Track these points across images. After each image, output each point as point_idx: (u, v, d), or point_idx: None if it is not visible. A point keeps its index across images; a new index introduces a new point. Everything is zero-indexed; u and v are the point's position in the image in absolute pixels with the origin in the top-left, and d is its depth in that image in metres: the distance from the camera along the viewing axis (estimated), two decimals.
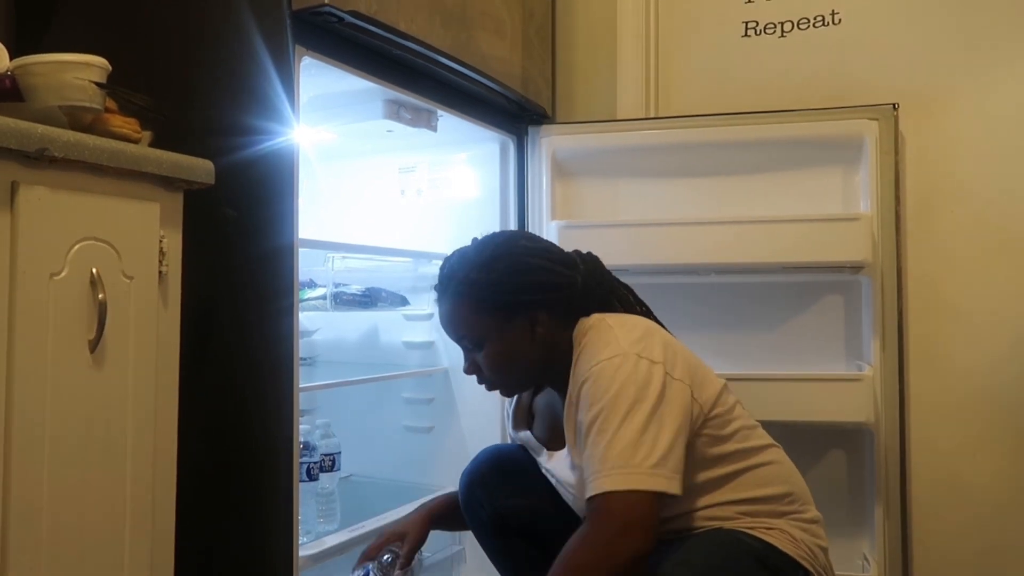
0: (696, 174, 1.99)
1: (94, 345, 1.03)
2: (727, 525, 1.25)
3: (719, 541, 1.23)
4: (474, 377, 1.40)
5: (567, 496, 1.37)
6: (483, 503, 1.50)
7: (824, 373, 1.83)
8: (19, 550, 0.94)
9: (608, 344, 1.25)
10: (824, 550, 1.29)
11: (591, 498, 1.15)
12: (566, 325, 1.34)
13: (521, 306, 1.32)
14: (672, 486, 1.14)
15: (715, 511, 1.26)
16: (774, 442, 1.35)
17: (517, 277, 1.33)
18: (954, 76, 1.92)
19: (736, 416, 1.30)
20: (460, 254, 1.39)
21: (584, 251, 1.44)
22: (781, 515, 1.27)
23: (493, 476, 1.52)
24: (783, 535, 1.24)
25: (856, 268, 1.82)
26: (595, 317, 1.34)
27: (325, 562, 1.53)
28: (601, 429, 1.17)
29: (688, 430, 1.21)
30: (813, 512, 1.31)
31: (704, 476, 1.26)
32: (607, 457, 1.15)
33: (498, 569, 1.55)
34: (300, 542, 1.38)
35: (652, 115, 2.12)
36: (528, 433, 1.48)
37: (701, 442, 1.25)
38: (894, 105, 1.83)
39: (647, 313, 1.43)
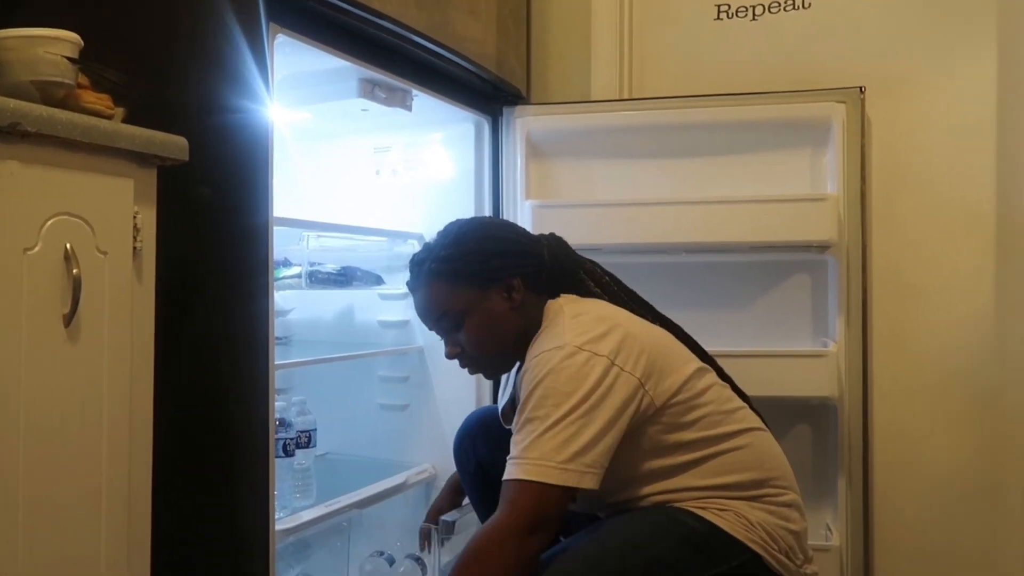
0: (668, 155, 2.02)
1: (68, 319, 1.03)
2: (679, 504, 1.26)
3: (651, 519, 1.25)
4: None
5: None
6: (469, 455, 1.58)
7: (790, 349, 1.88)
8: None
9: (554, 336, 1.27)
10: (794, 533, 1.29)
11: (504, 480, 1.18)
12: (538, 298, 1.37)
13: (495, 272, 1.35)
14: (584, 481, 1.16)
15: (670, 496, 1.27)
16: (757, 425, 1.35)
17: (488, 244, 1.37)
18: (920, 61, 1.96)
19: (706, 402, 1.29)
20: (426, 245, 1.43)
21: (547, 234, 1.46)
22: (746, 499, 1.27)
23: (479, 432, 1.59)
24: (737, 518, 1.24)
25: (822, 248, 1.86)
26: (560, 300, 1.37)
27: (299, 535, 1.55)
28: (528, 419, 1.20)
29: (627, 422, 1.21)
30: (790, 496, 1.31)
31: (660, 463, 1.27)
32: (525, 445, 1.17)
33: (480, 517, 1.61)
34: (276, 516, 1.39)
35: (626, 96, 2.14)
36: (507, 401, 1.51)
37: (655, 430, 1.26)
38: (861, 88, 1.87)
39: (619, 286, 1.45)
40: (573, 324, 1.28)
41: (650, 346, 1.28)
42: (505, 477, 1.18)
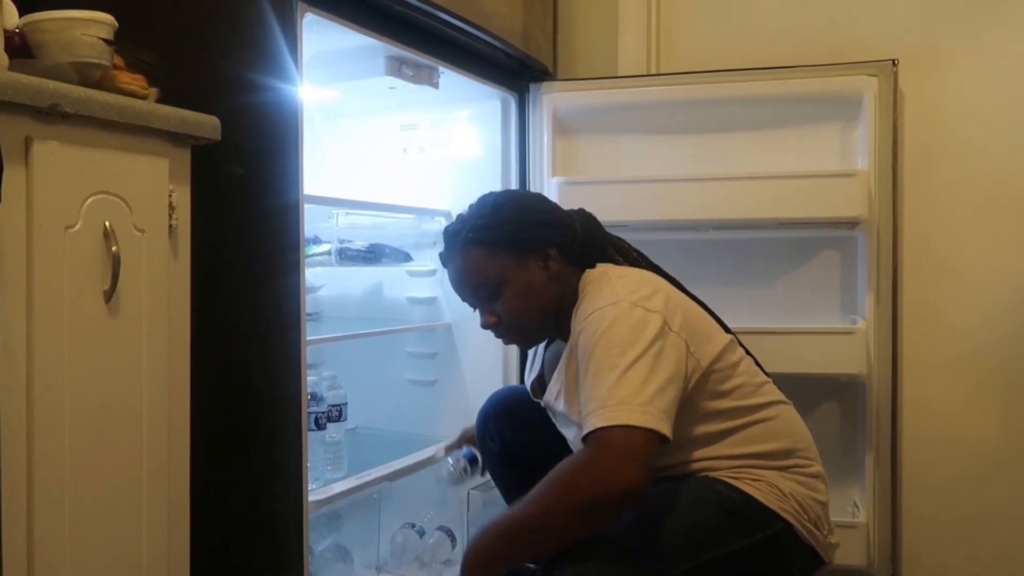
0: (696, 131, 2.00)
1: (109, 296, 1.06)
2: (712, 474, 1.27)
3: (689, 487, 1.25)
4: (477, 331, 1.44)
5: (569, 438, 1.42)
6: (494, 436, 1.59)
7: (819, 326, 1.87)
8: (44, 494, 0.99)
9: (605, 295, 1.27)
10: (822, 504, 1.31)
11: (586, 436, 1.15)
12: (572, 269, 1.38)
13: (532, 241, 1.35)
14: (662, 426, 1.12)
15: (708, 463, 1.29)
16: (783, 399, 1.37)
17: (524, 214, 1.38)
18: (954, 32, 1.92)
19: (739, 373, 1.31)
20: (460, 216, 1.43)
21: (576, 209, 1.47)
22: (777, 468, 1.29)
23: (503, 413, 1.60)
24: (770, 488, 1.26)
25: (852, 224, 1.84)
26: (599, 268, 1.38)
27: (331, 506, 1.59)
28: (596, 372, 1.19)
29: (682, 381, 1.21)
30: (816, 467, 1.33)
31: (700, 430, 1.29)
32: (601, 396, 1.15)
33: (504, 498, 1.64)
34: (309, 488, 1.43)
35: (653, 71, 2.13)
36: (535, 377, 1.52)
37: (698, 396, 1.27)
38: (893, 61, 1.84)
39: (647, 262, 1.46)
40: (621, 284, 1.29)
41: (689, 311, 1.31)
42: (586, 430, 1.14)
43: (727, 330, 1.39)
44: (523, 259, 1.35)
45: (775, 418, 1.33)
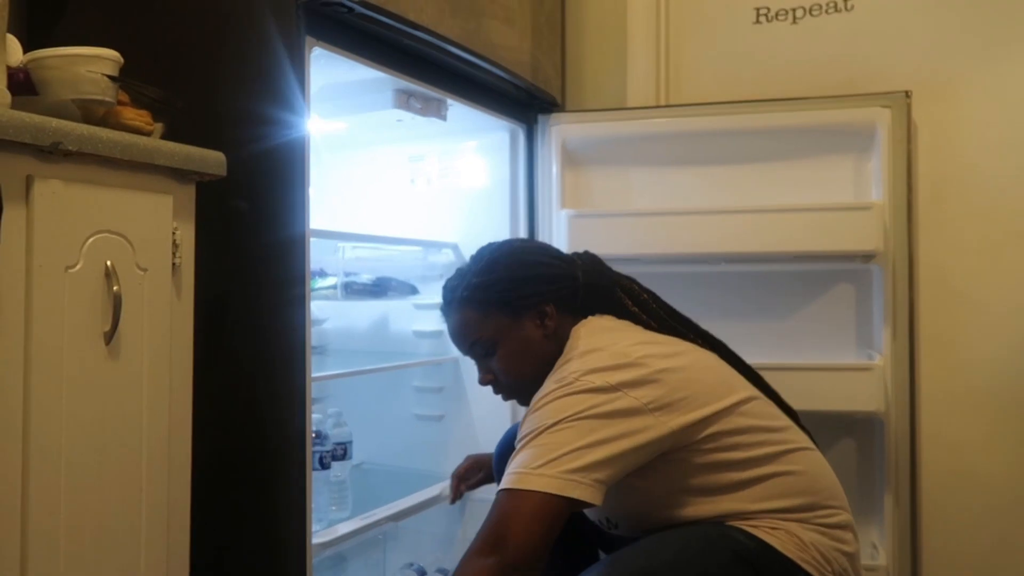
0: (707, 162, 1.98)
1: (109, 337, 1.04)
2: (730, 522, 1.20)
3: (701, 533, 1.19)
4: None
5: None
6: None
7: (835, 362, 1.83)
8: (39, 541, 0.96)
9: (573, 360, 1.23)
10: (848, 555, 1.24)
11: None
12: (573, 320, 1.34)
13: (527, 300, 1.33)
14: (568, 489, 1.08)
15: (721, 516, 1.22)
16: (806, 445, 1.29)
17: (520, 271, 1.35)
18: (967, 63, 1.90)
19: (750, 428, 1.23)
20: (459, 271, 1.41)
21: (581, 252, 1.44)
22: (798, 521, 1.22)
23: None
24: (789, 537, 1.19)
25: (867, 257, 1.81)
26: (582, 330, 1.32)
27: (336, 548, 1.55)
28: (530, 431, 1.15)
29: (638, 445, 1.14)
30: (842, 517, 1.25)
31: (703, 487, 1.22)
32: (522, 459, 1.12)
33: None
34: (313, 529, 1.39)
35: (663, 103, 2.11)
36: None
37: (696, 456, 1.20)
38: (907, 92, 1.82)
39: (656, 304, 1.41)
40: (581, 362, 1.23)
41: (684, 376, 1.22)
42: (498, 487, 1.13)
43: (748, 369, 1.34)
44: (518, 318, 1.33)
45: (794, 472, 1.24)
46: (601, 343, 1.27)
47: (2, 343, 0.93)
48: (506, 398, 1.42)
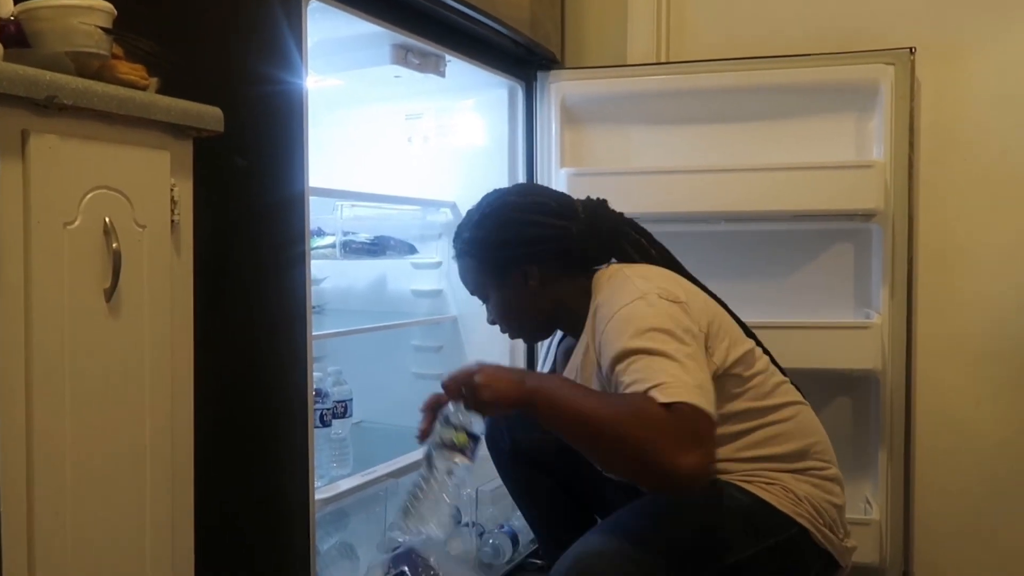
0: (708, 121, 1.96)
1: (110, 294, 1.03)
2: (724, 478, 1.23)
3: (703, 498, 1.19)
4: (483, 325, 1.45)
5: None
6: (503, 434, 1.56)
7: (833, 321, 1.84)
8: (44, 495, 0.96)
9: (629, 291, 1.23)
10: (837, 507, 1.27)
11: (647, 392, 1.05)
12: (569, 275, 1.35)
13: (509, 261, 1.35)
14: (713, 412, 1.06)
15: (720, 466, 1.23)
16: (799, 399, 1.33)
17: (503, 233, 1.35)
18: (972, 21, 1.88)
19: (755, 373, 1.27)
20: (467, 212, 1.43)
21: (594, 197, 1.43)
22: (792, 471, 1.25)
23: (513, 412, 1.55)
24: (784, 491, 1.22)
25: (867, 216, 1.81)
26: (614, 267, 1.35)
27: (338, 504, 1.57)
28: (633, 361, 1.11)
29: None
30: (832, 470, 1.29)
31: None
32: (650, 378, 1.06)
33: (513, 497, 1.63)
34: (315, 486, 1.40)
35: (663, 60, 2.08)
36: (548, 372, 1.50)
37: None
38: (911, 49, 1.80)
39: (666, 257, 1.42)
40: (643, 280, 1.25)
41: (708, 309, 1.28)
42: (661, 399, 1.04)
43: (746, 328, 1.35)
44: (504, 276, 1.35)
45: (790, 419, 1.29)
46: (645, 271, 1.31)
47: (2, 300, 0.92)
48: (512, 337, 1.47)
